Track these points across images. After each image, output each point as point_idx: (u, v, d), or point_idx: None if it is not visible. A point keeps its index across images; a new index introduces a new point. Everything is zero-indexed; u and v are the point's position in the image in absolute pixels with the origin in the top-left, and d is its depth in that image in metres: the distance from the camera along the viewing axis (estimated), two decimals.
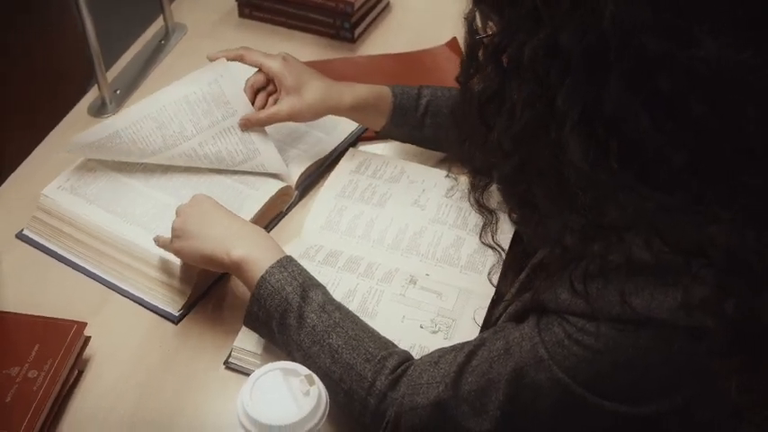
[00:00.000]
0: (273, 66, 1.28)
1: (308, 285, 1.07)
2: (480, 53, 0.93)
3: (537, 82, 0.83)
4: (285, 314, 1.04)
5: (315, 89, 1.27)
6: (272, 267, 1.07)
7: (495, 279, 1.09)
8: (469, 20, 0.94)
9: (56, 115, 1.53)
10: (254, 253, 1.09)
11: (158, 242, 1.19)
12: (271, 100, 1.33)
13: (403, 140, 1.39)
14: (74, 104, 1.55)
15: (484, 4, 0.90)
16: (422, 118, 1.33)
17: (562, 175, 0.83)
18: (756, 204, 0.81)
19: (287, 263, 1.08)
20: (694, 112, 0.78)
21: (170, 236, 1.16)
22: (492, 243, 1.03)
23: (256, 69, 1.32)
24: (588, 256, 0.85)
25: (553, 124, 0.82)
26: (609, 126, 0.80)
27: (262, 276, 1.06)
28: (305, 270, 1.09)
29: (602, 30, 0.77)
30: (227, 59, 1.31)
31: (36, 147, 1.46)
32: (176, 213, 1.16)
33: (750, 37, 0.78)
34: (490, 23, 0.90)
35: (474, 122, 0.95)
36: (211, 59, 1.31)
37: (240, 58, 1.30)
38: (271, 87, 1.33)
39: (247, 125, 1.31)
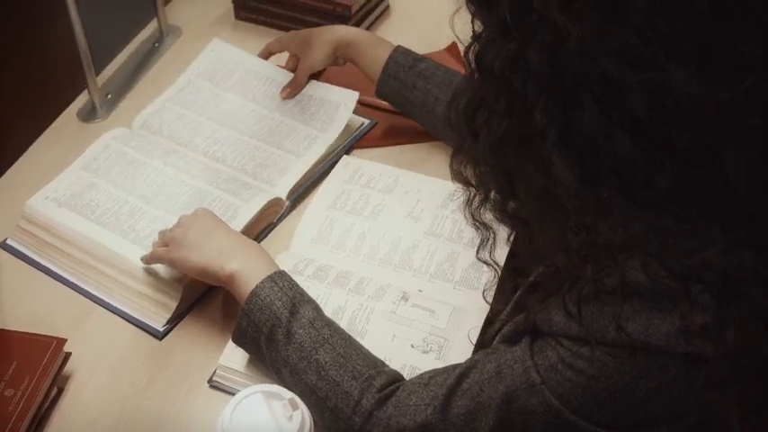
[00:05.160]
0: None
1: (299, 301, 1.04)
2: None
3: (512, 93, 0.79)
4: (274, 329, 1.02)
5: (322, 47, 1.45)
6: (262, 282, 1.05)
7: (490, 296, 1.06)
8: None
9: (47, 120, 1.50)
10: (246, 267, 1.07)
11: (148, 257, 1.16)
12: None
13: (395, 104, 1.41)
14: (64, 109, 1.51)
15: (471, 6, 0.86)
16: (414, 79, 1.35)
17: (551, 191, 0.80)
18: (750, 227, 0.77)
19: (278, 277, 1.06)
20: (667, 139, 0.74)
21: (160, 246, 1.15)
22: (489, 260, 1.00)
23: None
24: (583, 277, 0.82)
25: (535, 139, 0.78)
26: (589, 145, 0.77)
27: (252, 290, 1.04)
28: (297, 285, 1.06)
29: (567, 50, 0.73)
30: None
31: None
32: (178, 223, 1.16)
33: (723, 69, 0.74)
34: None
35: (464, 132, 0.91)
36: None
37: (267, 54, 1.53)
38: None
39: (293, 90, 1.47)
